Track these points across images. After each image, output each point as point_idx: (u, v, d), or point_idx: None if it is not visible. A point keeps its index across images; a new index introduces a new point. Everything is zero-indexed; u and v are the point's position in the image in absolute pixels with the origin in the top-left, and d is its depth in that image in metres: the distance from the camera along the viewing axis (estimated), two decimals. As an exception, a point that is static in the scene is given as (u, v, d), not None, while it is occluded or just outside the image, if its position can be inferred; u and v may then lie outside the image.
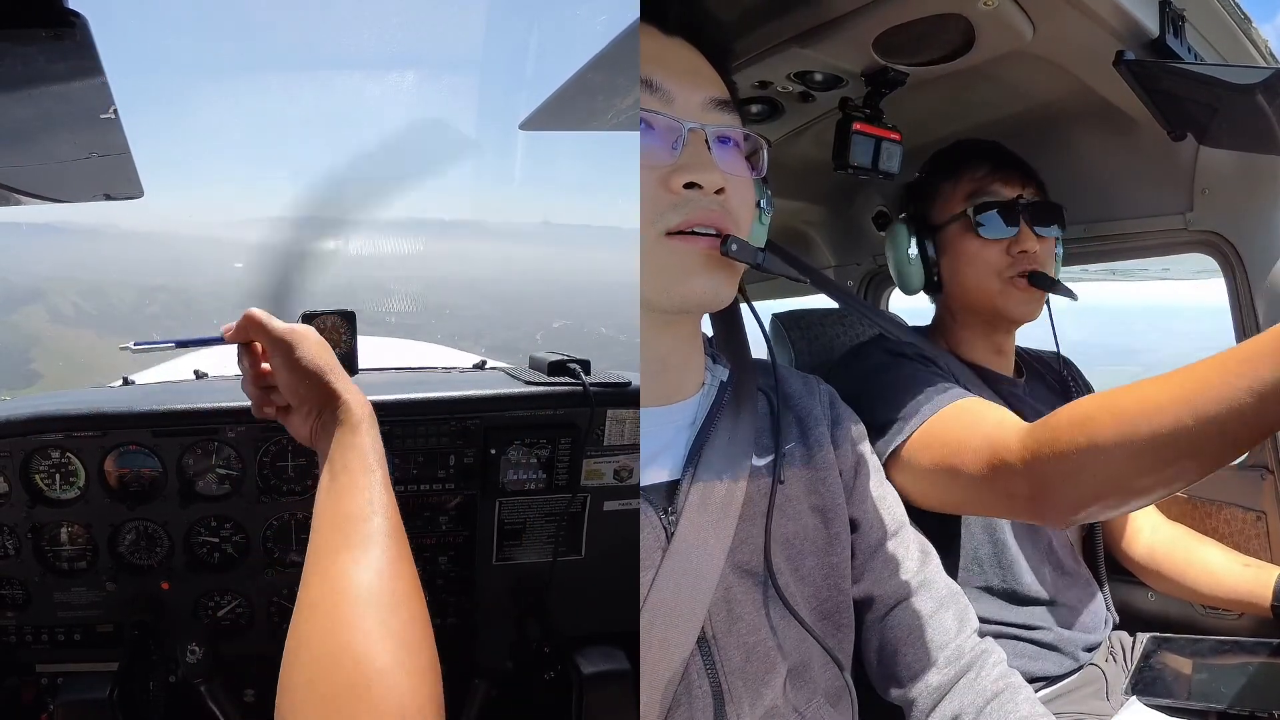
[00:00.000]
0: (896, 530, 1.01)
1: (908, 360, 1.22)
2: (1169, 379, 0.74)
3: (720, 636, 0.86)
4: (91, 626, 1.25)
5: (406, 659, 0.63)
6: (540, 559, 1.39)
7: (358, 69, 32.32)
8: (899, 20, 1.13)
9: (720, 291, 0.81)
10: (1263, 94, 1.05)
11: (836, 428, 1.00)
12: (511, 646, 1.36)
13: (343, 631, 0.64)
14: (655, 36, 0.80)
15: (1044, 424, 0.87)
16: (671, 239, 0.77)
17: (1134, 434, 0.75)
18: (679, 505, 0.84)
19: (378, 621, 0.65)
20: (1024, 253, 1.31)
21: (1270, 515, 1.41)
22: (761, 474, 0.90)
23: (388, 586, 0.68)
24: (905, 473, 1.07)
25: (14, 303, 17.65)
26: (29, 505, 1.20)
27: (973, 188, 1.34)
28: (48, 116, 0.89)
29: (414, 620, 0.67)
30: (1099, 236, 1.53)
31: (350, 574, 0.68)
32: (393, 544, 0.71)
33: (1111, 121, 1.38)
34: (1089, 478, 0.81)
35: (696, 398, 0.91)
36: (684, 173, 0.76)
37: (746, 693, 0.86)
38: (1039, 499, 0.87)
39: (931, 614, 0.98)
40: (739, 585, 0.87)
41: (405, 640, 0.64)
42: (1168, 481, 0.77)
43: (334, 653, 0.62)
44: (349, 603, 0.66)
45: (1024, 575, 1.31)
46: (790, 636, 0.90)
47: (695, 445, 0.88)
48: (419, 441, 1.30)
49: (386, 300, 5.00)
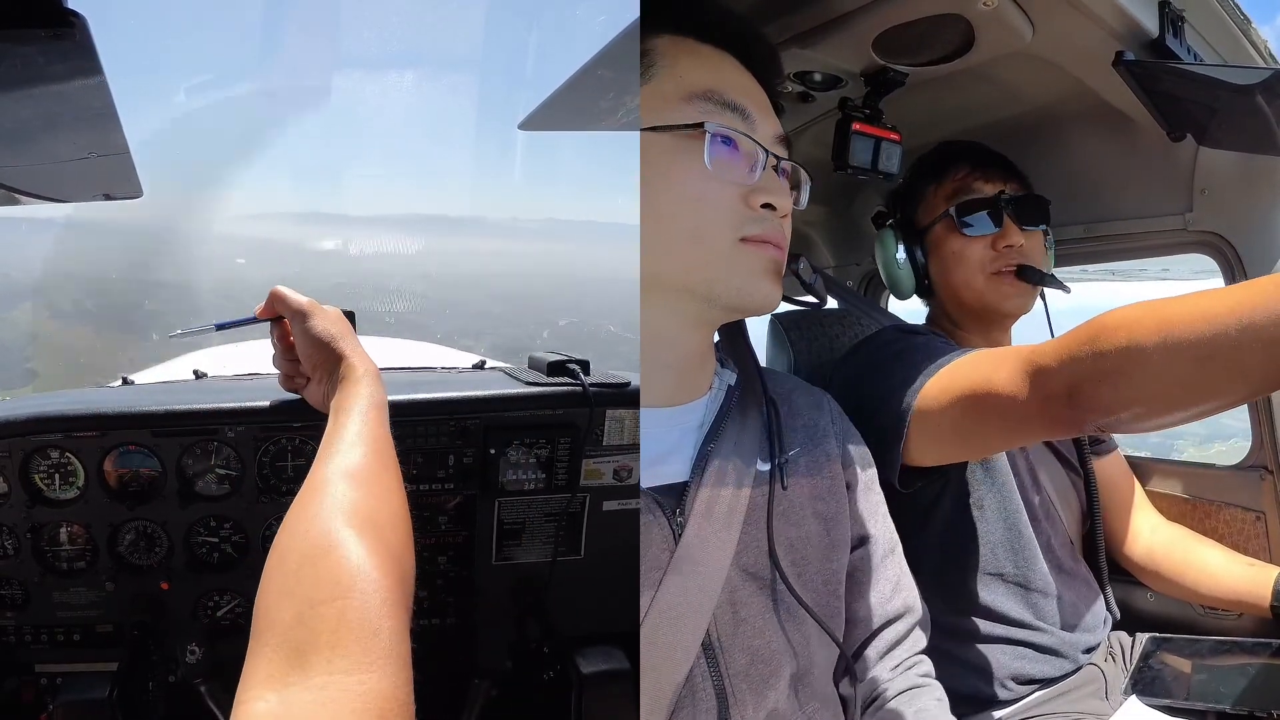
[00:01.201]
0: (893, 548, 1.04)
1: (920, 335, 1.23)
2: (1224, 290, 0.71)
3: (725, 639, 0.86)
4: (91, 626, 1.25)
5: (370, 534, 0.67)
6: (540, 559, 1.39)
7: (357, 67, 32.37)
8: (898, 21, 1.13)
9: (777, 298, 0.88)
10: (1262, 95, 1.06)
11: (845, 442, 1.02)
12: (511, 646, 1.36)
13: (310, 508, 0.70)
14: (739, 69, 0.89)
15: (1084, 325, 0.84)
16: (748, 244, 0.84)
17: (1176, 338, 0.72)
18: (687, 508, 0.85)
19: (342, 496, 0.71)
20: (1009, 247, 1.31)
21: (1270, 515, 1.41)
22: (766, 479, 0.91)
23: (361, 473, 0.75)
24: (929, 424, 1.04)
25: (14, 298, 17.63)
26: (28, 505, 1.20)
27: (954, 187, 1.35)
28: (47, 116, 0.89)
29: (384, 501, 0.73)
30: (1098, 237, 1.53)
31: (327, 470, 0.75)
32: (373, 453, 0.79)
33: (1111, 122, 1.38)
34: (1125, 381, 0.77)
35: (704, 400, 0.92)
36: (764, 194, 0.84)
37: (751, 696, 0.86)
38: (1074, 397, 0.82)
39: (903, 636, 1.03)
40: (744, 588, 0.88)
41: (371, 519, 0.69)
42: (1205, 397, 0.73)
43: (299, 529, 0.68)
44: (317, 487, 0.72)
45: (1036, 563, 1.32)
46: (795, 639, 0.90)
47: (704, 448, 0.88)
48: (418, 441, 1.30)
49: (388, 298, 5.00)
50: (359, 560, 0.64)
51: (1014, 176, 1.37)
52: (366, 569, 0.64)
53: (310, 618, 0.59)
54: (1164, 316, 0.74)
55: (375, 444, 0.80)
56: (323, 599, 0.61)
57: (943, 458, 1.07)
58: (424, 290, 9.53)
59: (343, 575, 0.63)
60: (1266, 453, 1.39)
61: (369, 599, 0.61)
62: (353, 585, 0.62)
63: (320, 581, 0.62)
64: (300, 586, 0.62)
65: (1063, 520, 1.40)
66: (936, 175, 1.38)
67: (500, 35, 50.20)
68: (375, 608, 0.61)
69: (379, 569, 0.64)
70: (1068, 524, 1.41)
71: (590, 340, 4.80)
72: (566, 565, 1.40)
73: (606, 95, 1.25)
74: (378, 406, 0.87)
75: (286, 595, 0.62)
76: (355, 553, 0.65)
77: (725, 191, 0.83)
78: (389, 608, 0.62)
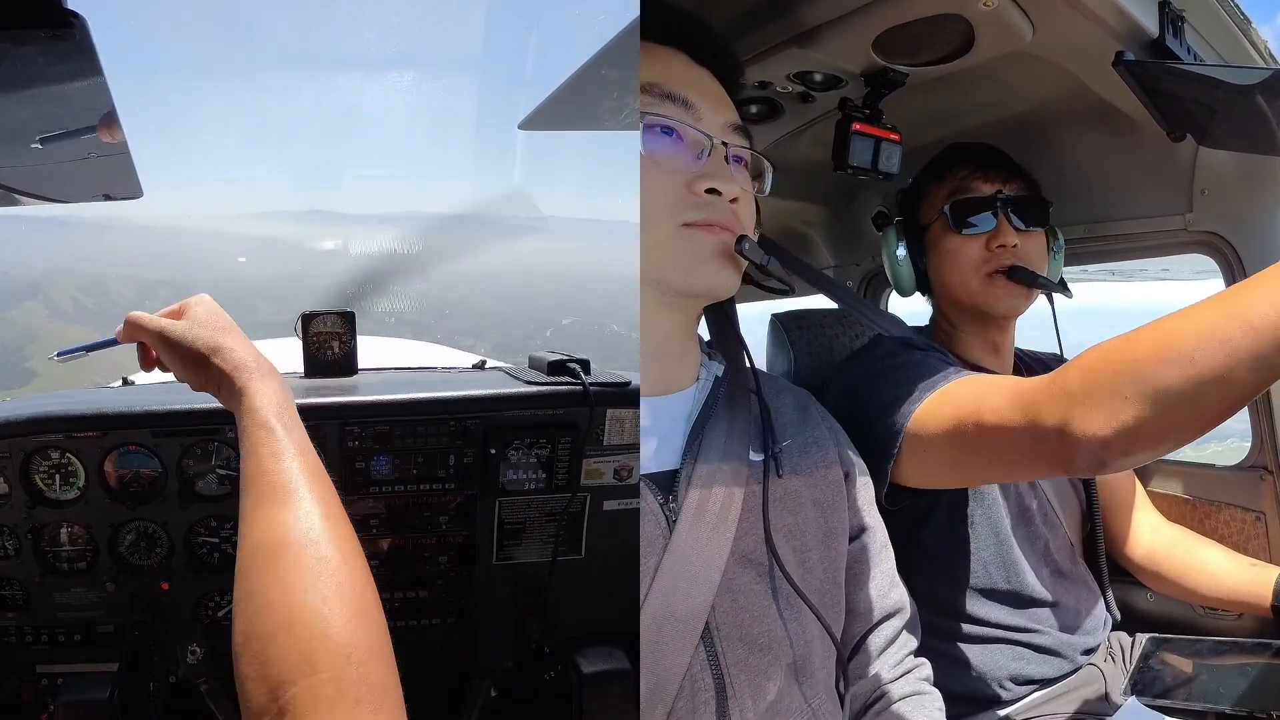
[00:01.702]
0: (886, 542, 1.05)
1: (919, 350, 1.22)
2: (1215, 297, 0.71)
3: (723, 628, 0.86)
4: (91, 627, 1.25)
5: (329, 586, 0.64)
6: (540, 559, 1.39)
7: (358, 66, 32.29)
8: (898, 21, 1.12)
9: (729, 282, 0.88)
10: (1262, 95, 1.05)
11: (836, 434, 1.03)
12: (512, 646, 1.36)
13: (259, 581, 0.66)
14: (688, 63, 0.91)
15: (1071, 360, 0.83)
16: (691, 228, 0.85)
17: (1171, 349, 0.71)
18: (680, 495, 0.86)
19: (303, 569, 0.66)
20: (1002, 247, 1.30)
21: (1270, 516, 1.41)
22: (760, 468, 0.92)
23: (312, 533, 0.68)
24: (917, 448, 1.04)
25: (14, 297, 17.57)
26: (29, 506, 1.20)
27: (954, 186, 1.34)
28: (47, 116, 0.89)
29: (342, 560, 0.68)
30: (1099, 237, 1.53)
31: (268, 527, 0.69)
32: (306, 491, 0.72)
33: (1111, 122, 1.38)
34: (1121, 402, 0.75)
35: (692, 390, 0.93)
36: (708, 179, 0.85)
37: (749, 687, 0.87)
38: (1066, 431, 0.80)
39: (900, 630, 1.03)
40: (743, 575, 0.88)
41: (333, 576, 0.65)
42: (1205, 409, 0.72)
43: (255, 604, 0.65)
44: (269, 554, 0.67)
45: (1027, 576, 1.32)
46: (793, 628, 0.91)
47: (693, 436, 0.90)
48: (419, 441, 1.30)
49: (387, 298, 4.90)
50: (320, 629, 0.61)
51: (1016, 176, 1.36)
52: (331, 634, 0.61)
53: (285, 700, 0.57)
54: (1157, 328, 0.74)
55: (296, 473, 0.73)
56: (290, 679, 0.58)
57: (930, 482, 1.07)
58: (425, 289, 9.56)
59: (310, 651, 0.60)
60: (1266, 453, 1.39)
61: (338, 669, 0.59)
62: (317, 662, 0.59)
63: (287, 660, 0.59)
64: (267, 668, 0.60)
65: (1062, 523, 1.40)
66: (938, 175, 1.38)
67: (500, 35, 50.04)
68: (348, 675, 0.59)
69: (346, 626, 0.61)
70: (1067, 526, 1.41)
71: (595, 340, 4.75)
72: (567, 565, 1.40)
73: (608, 95, 1.25)
74: (283, 415, 0.78)
75: (258, 680, 0.60)
76: (317, 618, 0.62)
77: (668, 179, 0.85)
78: (363, 669, 0.59)
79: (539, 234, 4.57)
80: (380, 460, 1.30)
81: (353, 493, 1.29)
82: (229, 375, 0.80)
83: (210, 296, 0.87)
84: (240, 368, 0.80)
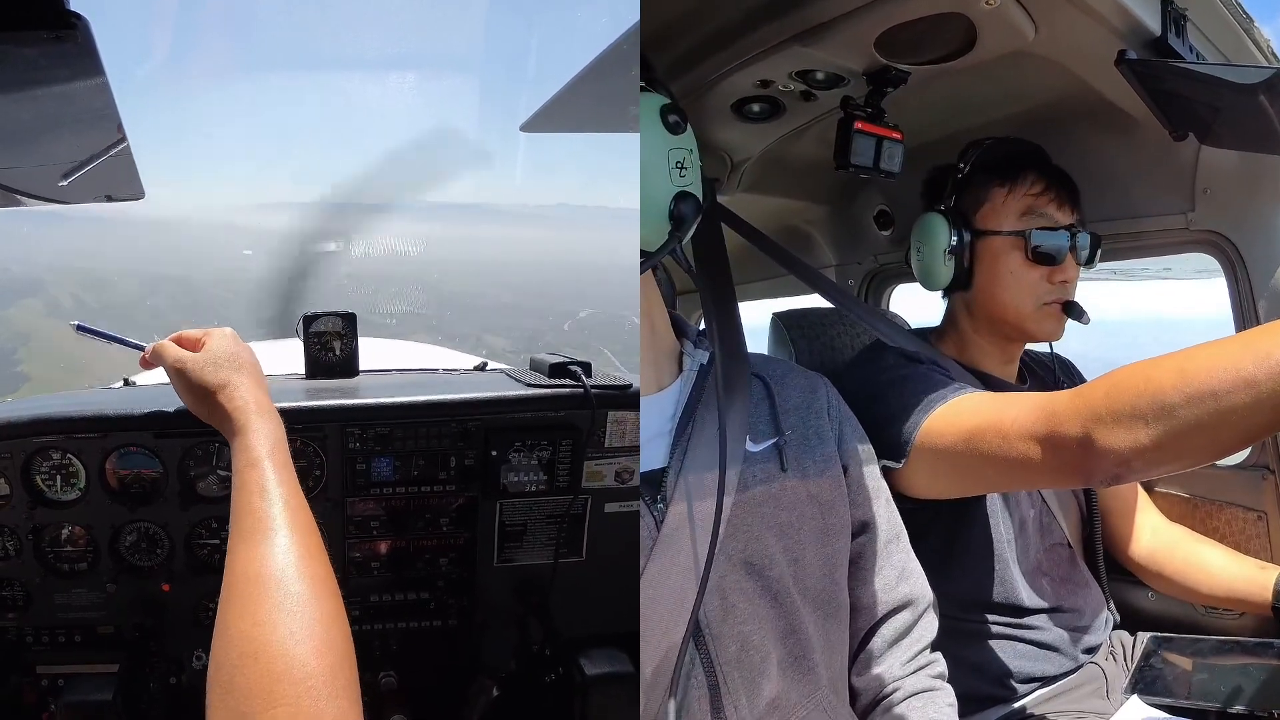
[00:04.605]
0: (897, 534, 1.04)
1: (921, 363, 1.22)
2: (1242, 335, 0.74)
3: (715, 626, 0.86)
4: (92, 628, 1.25)
5: (299, 630, 0.66)
6: (541, 561, 1.38)
7: (359, 65, 32.28)
8: (900, 19, 1.12)
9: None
10: (1264, 94, 1.05)
11: (842, 425, 1.02)
12: (513, 648, 1.36)
13: (233, 612, 0.69)
14: None
15: (1099, 377, 0.86)
16: None
17: (1197, 382, 0.74)
18: (667, 494, 0.86)
19: (274, 604, 0.68)
20: (1065, 282, 1.31)
21: (1270, 515, 1.41)
22: (757, 460, 0.91)
23: (286, 570, 0.71)
24: (927, 459, 1.05)
25: (13, 295, 17.47)
26: (30, 507, 1.20)
27: (1028, 204, 1.32)
28: (49, 117, 0.89)
29: (313, 597, 0.70)
30: (1101, 235, 1.53)
31: (246, 562, 0.72)
32: (285, 529, 0.75)
33: (1113, 121, 1.38)
34: (1141, 425, 0.78)
35: (676, 384, 0.93)
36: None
37: (743, 685, 0.87)
38: (1088, 445, 0.83)
39: (911, 625, 1.03)
40: (733, 574, 0.88)
41: (300, 614, 0.68)
42: (1222, 440, 0.76)
43: (225, 633, 0.67)
44: (245, 587, 0.70)
45: (1020, 590, 1.32)
46: (786, 626, 0.90)
47: (679, 432, 0.89)
48: (419, 443, 1.30)
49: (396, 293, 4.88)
50: (284, 664, 0.63)
51: (1079, 205, 1.35)
52: (294, 668, 0.62)
53: None
54: (1182, 358, 0.76)
55: (281, 511, 0.77)
56: (253, 711, 0.60)
57: (937, 492, 1.08)
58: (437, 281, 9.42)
59: (272, 683, 0.62)
60: (1268, 453, 1.39)
61: (299, 702, 0.61)
62: (277, 694, 0.61)
63: (251, 692, 0.61)
64: (231, 697, 0.62)
65: (1062, 526, 1.40)
66: (1006, 179, 1.33)
67: (500, 35, 49.94)
68: (305, 710, 0.60)
69: (308, 660, 0.63)
70: (1067, 529, 1.41)
71: (614, 332, 4.73)
72: (568, 567, 1.39)
73: (609, 95, 1.24)
74: (274, 454, 0.82)
75: (222, 709, 0.62)
76: (281, 653, 0.63)
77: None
78: (320, 704, 0.61)
79: (553, 221, 4.55)
80: (381, 462, 1.29)
81: (353, 494, 1.29)
82: (230, 413, 0.86)
83: (232, 331, 0.95)
84: (241, 408, 0.86)
